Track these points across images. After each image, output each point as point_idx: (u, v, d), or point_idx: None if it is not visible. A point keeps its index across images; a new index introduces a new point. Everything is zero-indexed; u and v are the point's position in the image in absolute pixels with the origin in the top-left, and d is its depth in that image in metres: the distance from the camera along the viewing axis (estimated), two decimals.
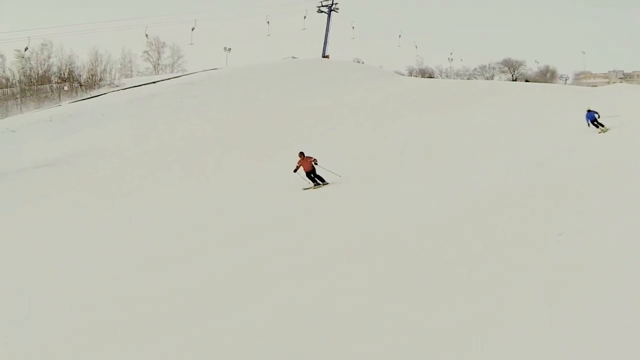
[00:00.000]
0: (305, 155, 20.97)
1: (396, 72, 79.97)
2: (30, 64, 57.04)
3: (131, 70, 70.11)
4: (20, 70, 55.93)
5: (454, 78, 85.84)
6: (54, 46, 57.70)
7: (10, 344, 8.94)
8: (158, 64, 73.66)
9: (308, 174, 20.52)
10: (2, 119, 44.09)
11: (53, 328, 9.41)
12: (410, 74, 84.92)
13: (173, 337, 8.36)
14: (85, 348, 8.46)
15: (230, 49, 72.67)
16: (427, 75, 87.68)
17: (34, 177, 29.34)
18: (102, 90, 49.96)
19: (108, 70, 55.34)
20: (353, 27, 76.75)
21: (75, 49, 57.11)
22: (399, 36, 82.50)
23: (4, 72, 58.38)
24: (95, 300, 10.49)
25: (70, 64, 55.59)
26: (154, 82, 51.04)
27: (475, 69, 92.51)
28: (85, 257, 14.38)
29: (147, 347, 8.17)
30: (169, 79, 52.88)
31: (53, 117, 39.86)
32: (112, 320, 9.29)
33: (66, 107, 43.80)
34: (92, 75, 53.24)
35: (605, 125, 25.62)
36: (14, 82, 53.26)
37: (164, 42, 73.29)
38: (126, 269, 12.76)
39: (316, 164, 20.50)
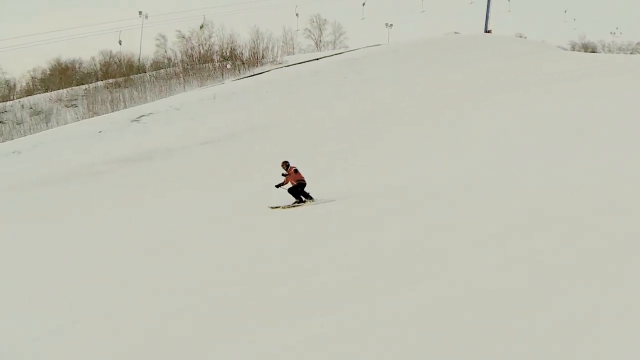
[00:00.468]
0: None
1: (558, 46, 74.17)
2: (191, 43, 57.85)
3: (293, 48, 69.44)
4: (182, 49, 56.80)
5: (617, 52, 78.94)
6: (214, 26, 58.28)
7: None
8: (320, 41, 72.62)
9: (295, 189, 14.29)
10: (165, 97, 44.30)
11: None
12: (573, 49, 79.27)
13: None
14: None
15: (391, 24, 69.74)
16: (590, 49, 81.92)
17: (199, 155, 27.95)
18: (264, 68, 48.82)
19: (270, 48, 54.30)
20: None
21: (235, 28, 57.21)
22: (565, 11, 78.12)
23: (165, 52, 59.95)
24: None
25: (231, 43, 55.46)
26: (317, 59, 49.10)
27: (638, 43, 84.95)
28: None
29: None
30: (332, 55, 50.67)
31: (217, 95, 38.96)
32: None
33: (229, 85, 42.98)
34: (254, 54, 52.33)
35: None
36: (176, 61, 53.84)
37: (325, 19, 72.10)
38: None
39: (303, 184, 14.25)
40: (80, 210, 18.37)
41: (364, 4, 57.75)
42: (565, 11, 77.87)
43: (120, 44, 58.26)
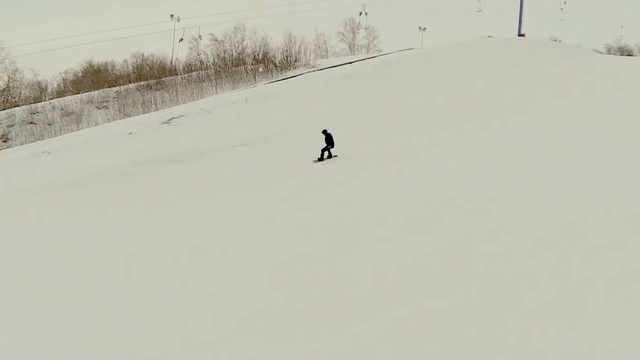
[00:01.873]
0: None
1: (594, 50, 73.15)
2: (224, 46, 57.66)
3: (326, 51, 69.19)
4: (215, 52, 56.62)
5: None
6: (247, 29, 58.08)
7: None
8: (353, 44, 72.25)
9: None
10: (197, 100, 43.95)
11: None
12: (609, 52, 78.44)
13: None
14: None
15: (425, 28, 69.16)
16: (626, 53, 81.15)
17: (229, 156, 27.32)
18: (297, 71, 48.27)
19: (303, 51, 53.82)
20: (564, 4, 70.07)
21: (268, 31, 57.04)
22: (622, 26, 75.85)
23: (198, 54, 59.77)
24: None
25: (264, 46, 55.15)
26: (350, 63, 48.41)
27: None
28: None
29: None
30: (365, 59, 49.89)
31: (248, 98, 38.43)
32: None
33: (262, 88, 42.46)
34: (286, 57, 51.84)
35: None
36: (208, 64, 53.58)
37: (359, 23, 71.67)
38: None
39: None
40: (115, 207, 17.93)
41: (360, 14, 56.59)
42: (622, 26, 77.22)
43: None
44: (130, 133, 35.36)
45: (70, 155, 32.50)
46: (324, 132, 21.21)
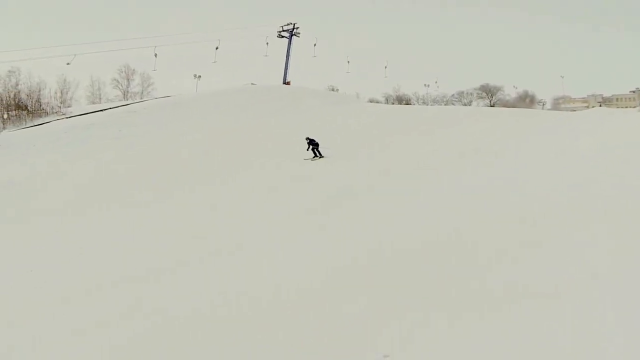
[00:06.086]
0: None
1: (371, 100, 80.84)
2: None
3: (99, 98, 71.07)
4: None
5: (431, 104, 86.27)
6: (22, 73, 58.55)
7: None
8: (128, 91, 74.48)
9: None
10: None
11: None
12: (387, 101, 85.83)
13: None
14: None
15: (200, 76, 73.62)
16: (404, 102, 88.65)
17: None
18: (47, 119, 50.36)
19: (57, 97, 55.68)
20: (348, 62, 79.11)
21: (43, 76, 57.33)
22: (385, 67, 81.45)
23: None
24: None
25: (38, 92, 56.12)
26: (102, 110, 51.56)
27: (453, 95, 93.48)
28: None
29: None
30: (115, 107, 53.24)
31: None
32: None
33: (1, 136, 44.23)
34: (38, 103, 53.54)
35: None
36: None
37: (134, 69, 74.30)
38: None
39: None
40: None
41: (155, 55, 60.21)
42: (385, 67, 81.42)
43: None
44: None
45: None
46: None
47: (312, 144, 30.47)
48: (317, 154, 30.29)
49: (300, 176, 26.64)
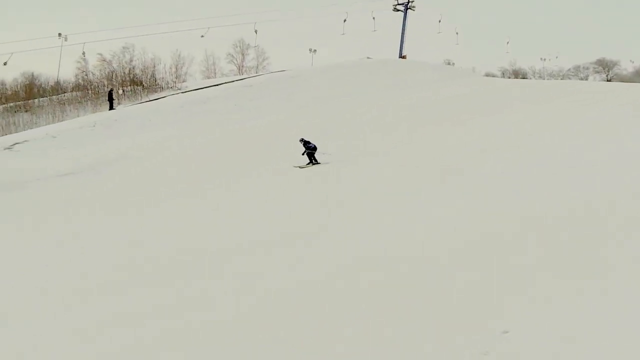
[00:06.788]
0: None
1: (487, 74, 76.59)
2: (112, 66, 57.50)
3: (214, 73, 69.90)
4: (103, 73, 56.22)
5: (548, 79, 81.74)
6: (135, 49, 57.91)
7: None
8: (242, 66, 73.03)
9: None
10: (57, 122, 43.88)
11: None
12: (503, 75, 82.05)
13: None
14: None
15: (315, 50, 70.52)
16: (521, 76, 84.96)
17: (54, 185, 27.51)
18: (162, 94, 48.85)
19: (172, 72, 54.41)
20: (457, 33, 73.55)
21: (157, 52, 56.68)
22: (507, 43, 79.28)
23: (86, 75, 59.23)
24: None
25: (153, 68, 55.42)
26: (216, 85, 49.47)
27: (569, 69, 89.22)
28: None
29: None
30: (231, 81, 51.00)
31: (98, 123, 38.84)
32: None
33: (116, 112, 42.83)
34: (152, 79, 52.33)
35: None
36: (72, 85, 53.25)
37: (248, 44, 72.48)
38: None
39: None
40: None
41: (256, 32, 57.73)
42: (508, 42, 79.73)
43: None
44: None
45: None
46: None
47: (308, 147, 23.79)
48: (313, 160, 23.69)
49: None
